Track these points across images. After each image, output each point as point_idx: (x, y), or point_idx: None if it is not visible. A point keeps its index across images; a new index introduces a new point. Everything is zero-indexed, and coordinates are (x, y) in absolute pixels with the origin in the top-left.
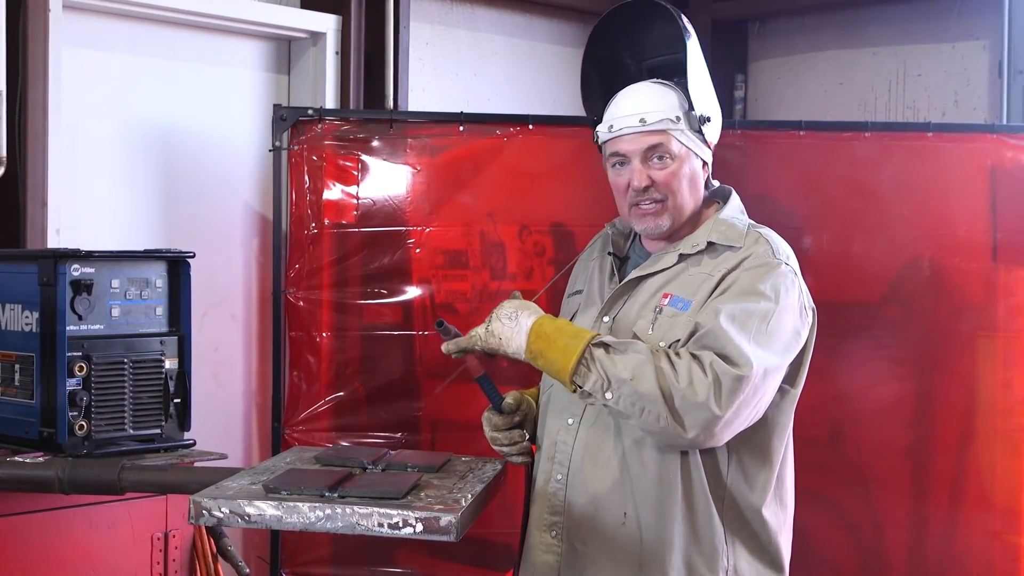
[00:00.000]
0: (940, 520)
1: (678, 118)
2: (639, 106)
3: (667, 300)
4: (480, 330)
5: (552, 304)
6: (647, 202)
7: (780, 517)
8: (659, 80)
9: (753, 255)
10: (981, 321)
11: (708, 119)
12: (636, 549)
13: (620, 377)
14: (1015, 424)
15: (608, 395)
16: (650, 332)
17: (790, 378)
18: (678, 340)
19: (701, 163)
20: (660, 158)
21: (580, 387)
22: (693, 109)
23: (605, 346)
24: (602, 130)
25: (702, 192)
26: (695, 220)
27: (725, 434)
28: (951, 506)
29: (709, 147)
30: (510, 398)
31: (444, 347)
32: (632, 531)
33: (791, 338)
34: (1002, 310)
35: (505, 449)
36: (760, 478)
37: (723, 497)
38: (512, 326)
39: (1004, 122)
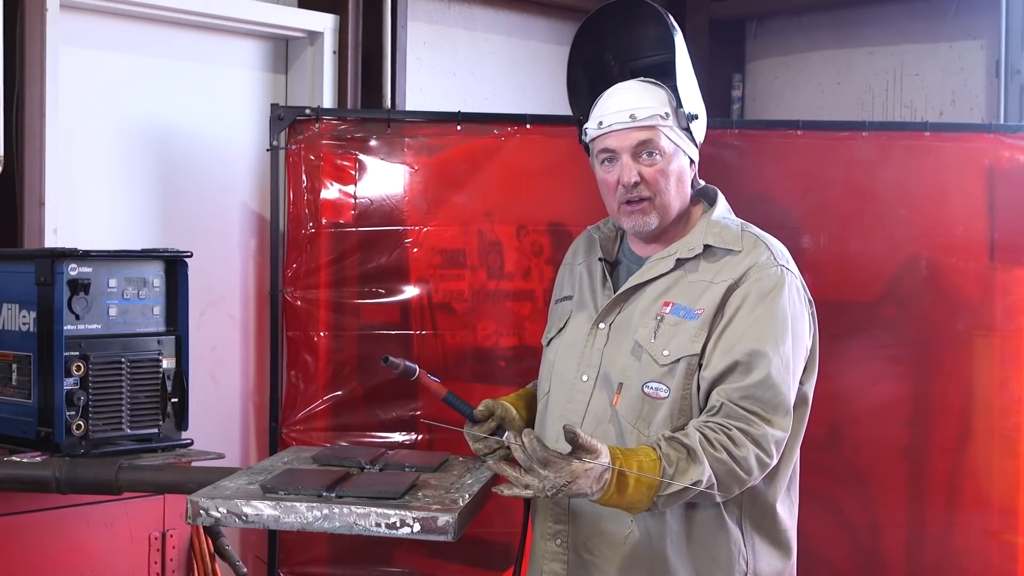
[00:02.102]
0: (938, 519)
1: (667, 115)
2: (629, 102)
3: (668, 308)
4: (544, 497)
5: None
6: (635, 199)
7: (792, 512)
8: (646, 79)
9: (757, 264)
10: (978, 320)
11: (695, 117)
12: (645, 557)
13: (677, 495)
14: (1012, 423)
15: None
16: (652, 341)
17: (802, 376)
18: (694, 355)
19: (689, 161)
20: (649, 154)
21: None
22: (681, 106)
23: (667, 496)
24: (591, 127)
25: (689, 190)
26: (685, 220)
27: None
28: (948, 505)
29: (696, 145)
30: (481, 406)
31: (500, 490)
32: (640, 539)
33: (806, 353)
34: (999, 309)
35: (491, 458)
36: (775, 476)
37: (739, 500)
38: (580, 498)
39: (1001, 121)
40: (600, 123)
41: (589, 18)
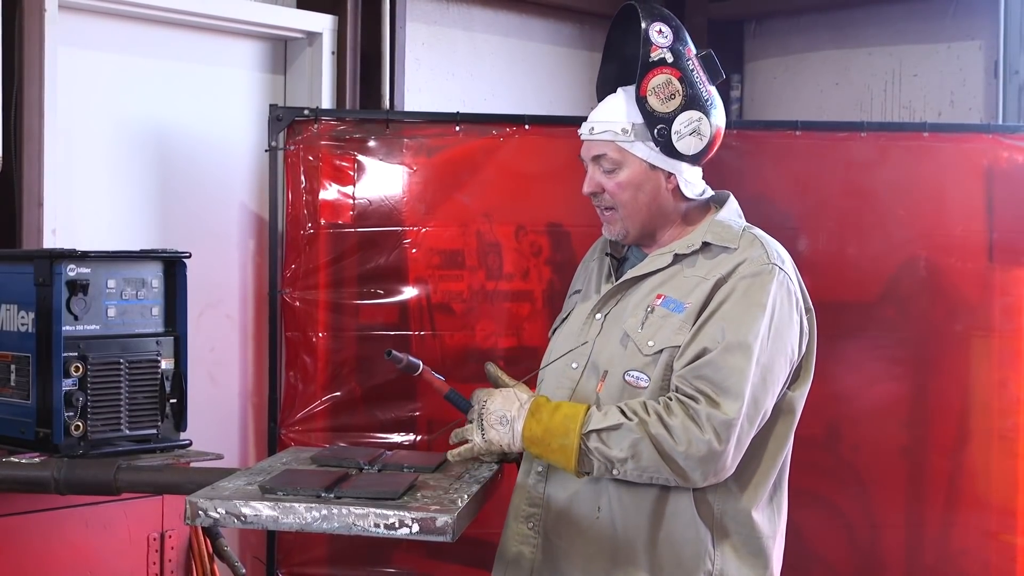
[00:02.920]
0: (936, 520)
1: (624, 130)
2: (596, 114)
3: (660, 300)
4: (478, 440)
5: (553, 305)
6: (601, 207)
7: (775, 522)
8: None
9: (748, 260)
10: (977, 321)
11: (664, 132)
12: (609, 544)
13: (620, 457)
14: (1010, 424)
15: (615, 472)
16: (639, 331)
17: (791, 382)
18: (676, 347)
19: (664, 174)
20: (607, 168)
21: (587, 473)
22: (659, 122)
23: (596, 432)
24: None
25: (668, 203)
26: (689, 223)
27: (732, 466)
28: (947, 506)
29: (686, 158)
30: None
31: (450, 456)
32: (605, 526)
33: (789, 354)
34: (997, 310)
35: (486, 457)
36: (753, 481)
37: (711, 501)
38: (506, 432)
39: (1000, 122)
40: (580, 131)
41: (616, 15)
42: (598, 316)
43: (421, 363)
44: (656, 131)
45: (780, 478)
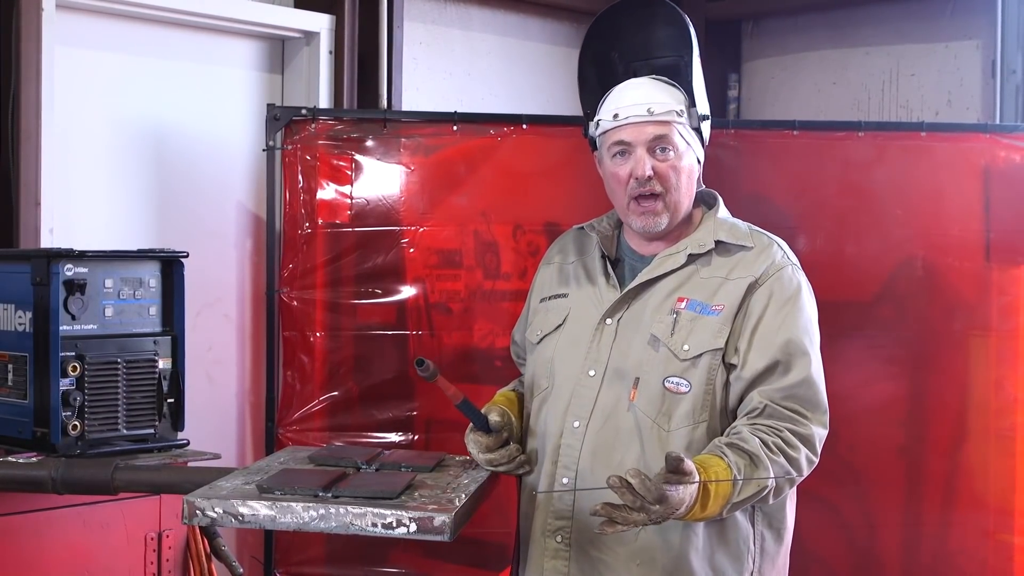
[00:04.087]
0: (933, 519)
1: (681, 112)
2: (646, 96)
3: (683, 304)
4: (641, 519)
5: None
6: (647, 196)
7: (794, 510)
8: (658, 77)
9: (774, 263)
10: (974, 320)
11: (706, 117)
12: (661, 555)
13: (738, 504)
14: (1008, 423)
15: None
16: (671, 336)
17: None
18: (718, 349)
19: (696, 161)
20: (663, 149)
21: None
22: (694, 106)
23: (739, 503)
24: (604, 119)
25: (695, 190)
26: (688, 220)
27: None
28: (944, 505)
29: (704, 146)
30: (495, 415)
31: (604, 531)
32: (654, 537)
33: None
34: (995, 309)
35: (503, 468)
36: None
37: None
38: (672, 511)
39: (997, 122)
40: (616, 115)
41: (602, 15)
42: (609, 321)
43: (439, 372)
44: (699, 116)
45: None
